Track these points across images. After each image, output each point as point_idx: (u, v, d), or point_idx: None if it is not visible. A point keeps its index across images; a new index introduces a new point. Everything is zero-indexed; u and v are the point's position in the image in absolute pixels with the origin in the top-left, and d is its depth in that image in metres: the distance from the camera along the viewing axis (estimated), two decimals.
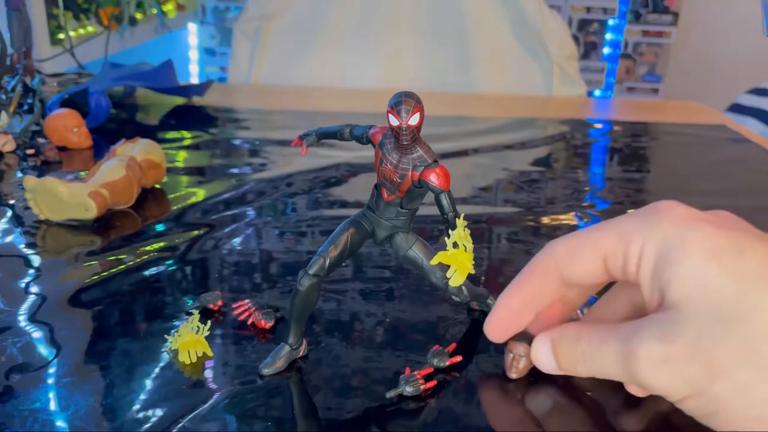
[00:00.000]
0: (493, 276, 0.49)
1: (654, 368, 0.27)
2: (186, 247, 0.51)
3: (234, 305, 0.42)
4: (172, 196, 0.62)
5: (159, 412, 0.33)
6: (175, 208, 0.59)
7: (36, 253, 0.50)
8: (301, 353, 0.37)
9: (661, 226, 0.29)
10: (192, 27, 2.47)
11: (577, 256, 0.31)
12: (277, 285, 0.46)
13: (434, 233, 0.55)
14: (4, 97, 0.78)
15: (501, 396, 0.35)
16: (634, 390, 0.34)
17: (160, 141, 0.71)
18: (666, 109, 1.11)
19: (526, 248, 0.53)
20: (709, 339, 0.26)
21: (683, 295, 0.27)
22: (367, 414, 0.34)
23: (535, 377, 0.36)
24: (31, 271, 0.47)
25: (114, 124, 0.85)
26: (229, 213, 0.58)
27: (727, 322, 0.26)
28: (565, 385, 0.36)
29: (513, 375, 0.36)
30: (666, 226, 0.28)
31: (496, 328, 0.34)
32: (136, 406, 0.33)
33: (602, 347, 0.29)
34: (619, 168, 0.78)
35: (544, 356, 0.32)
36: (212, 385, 0.35)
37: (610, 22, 2.57)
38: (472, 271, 0.32)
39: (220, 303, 0.42)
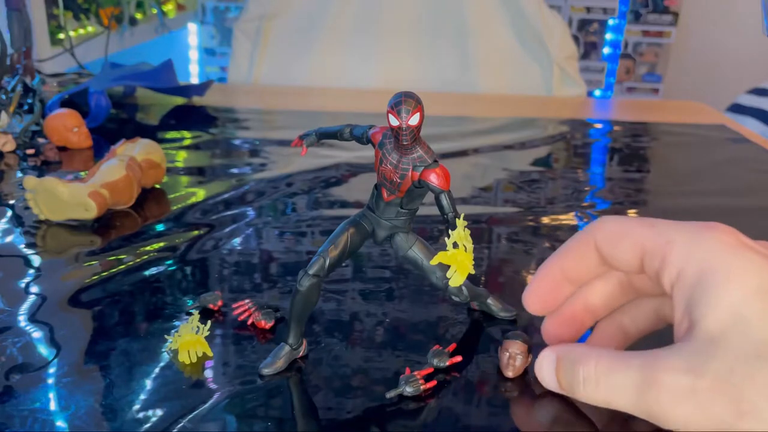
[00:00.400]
0: (493, 276, 0.49)
1: (677, 400, 0.26)
2: (186, 247, 0.51)
3: (234, 305, 0.42)
4: (172, 196, 0.62)
5: (159, 412, 0.33)
6: (175, 208, 0.59)
7: (36, 253, 0.50)
8: (301, 353, 0.37)
9: (708, 245, 0.27)
10: (192, 27, 2.47)
11: (618, 243, 0.31)
12: (277, 285, 0.46)
13: (434, 233, 0.55)
14: (4, 97, 0.78)
15: (500, 396, 0.35)
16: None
17: (160, 141, 0.71)
18: (666, 109, 1.11)
19: (526, 248, 0.53)
20: (742, 375, 0.25)
21: (720, 327, 0.26)
22: (367, 414, 0.34)
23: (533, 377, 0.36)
24: (31, 271, 0.47)
25: (114, 124, 0.85)
26: (229, 213, 0.58)
27: (764, 360, 0.25)
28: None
29: (509, 374, 0.36)
30: (713, 247, 0.27)
31: (534, 297, 0.34)
32: (136, 406, 0.33)
33: (612, 375, 0.28)
34: (619, 168, 0.78)
35: (546, 372, 0.32)
36: (212, 385, 0.35)
37: (610, 22, 2.57)
38: (472, 271, 0.32)
39: (220, 303, 0.42)
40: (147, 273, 0.47)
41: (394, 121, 0.32)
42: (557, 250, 0.33)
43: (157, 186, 0.63)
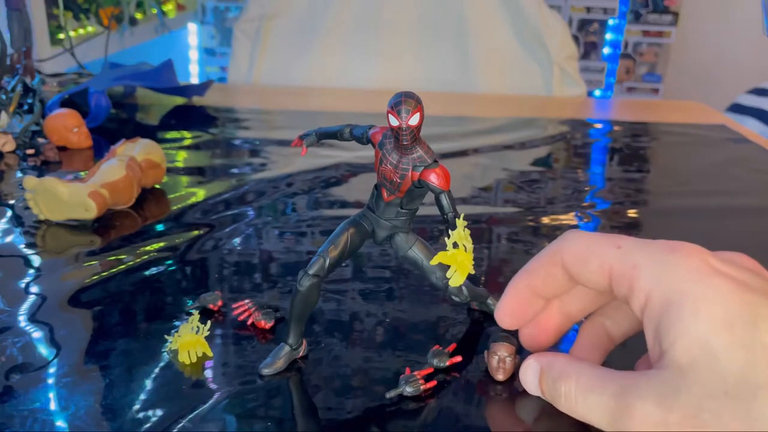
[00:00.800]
0: (493, 276, 0.49)
1: (648, 430, 0.26)
2: (186, 247, 0.51)
3: (234, 305, 0.42)
4: (172, 196, 0.62)
5: (159, 412, 0.33)
6: (175, 208, 0.59)
7: (36, 253, 0.50)
8: (301, 353, 0.37)
9: (674, 271, 0.27)
10: (192, 27, 2.47)
11: (585, 264, 0.30)
12: (277, 285, 0.46)
13: (434, 233, 0.55)
14: (4, 97, 0.78)
15: (499, 396, 0.35)
16: None
17: (160, 141, 0.71)
18: (666, 109, 1.11)
19: (526, 248, 0.53)
20: (710, 412, 0.25)
21: (688, 359, 0.26)
22: (367, 414, 0.34)
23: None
24: (31, 271, 0.47)
25: (114, 124, 0.85)
26: (229, 213, 0.58)
27: (731, 397, 0.25)
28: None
29: (500, 377, 0.36)
30: (680, 273, 0.27)
31: (506, 314, 0.34)
32: (136, 406, 0.33)
33: (590, 396, 0.28)
34: (619, 168, 0.78)
35: (530, 380, 0.32)
36: (212, 385, 0.35)
37: (610, 22, 2.57)
38: (472, 271, 0.32)
39: (220, 303, 0.42)
40: (147, 273, 0.47)
41: (394, 121, 0.32)
42: (525, 267, 0.33)
43: (157, 186, 0.63)
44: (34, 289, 0.44)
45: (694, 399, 0.25)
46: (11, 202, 0.59)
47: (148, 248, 0.51)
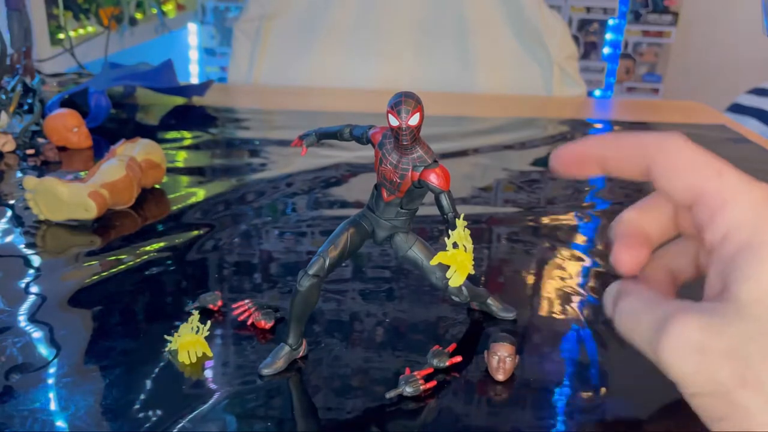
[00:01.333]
0: (493, 276, 0.49)
1: (684, 354, 0.25)
2: (186, 247, 0.51)
3: (234, 305, 0.42)
4: (172, 196, 0.62)
5: (159, 412, 0.33)
6: (175, 208, 0.59)
7: (36, 253, 0.50)
8: (301, 353, 0.37)
9: (766, 221, 0.27)
10: (192, 27, 2.47)
11: (677, 174, 0.29)
12: (277, 285, 0.46)
13: (434, 233, 0.55)
14: (4, 97, 0.78)
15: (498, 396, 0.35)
16: None
17: (160, 141, 0.71)
18: (666, 109, 1.11)
19: (526, 248, 0.53)
20: (757, 349, 0.24)
21: (752, 298, 0.25)
22: (367, 414, 0.34)
23: (527, 376, 0.36)
24: (31, 271, 0.47)
25: (114, 124, 0.85)
26: (229, 213, 0.58)
27: None
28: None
29: (500, 377, 0.36)
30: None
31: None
32: (136, 406, 0.33)
33: (641, 314, 0.28)
34: None
35: (607, 300, 0.31)
36: (212, 385, 0.35)
37: (610, 22, 2.57)
38: (472, 271, 0.32)
39: (220, 303, 0.42)
40: (147, 273, 0.47)
41: (393, 121, 0.32)
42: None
43: (157, 186, 0.63)
44: (34, 289, 0.44)
45: (743, 333, 0.25)
46: (11, 202, 0.59)
47: (148, 248, 0.51)
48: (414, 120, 0.32)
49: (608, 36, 2.59)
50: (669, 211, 0.32)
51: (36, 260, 0.49)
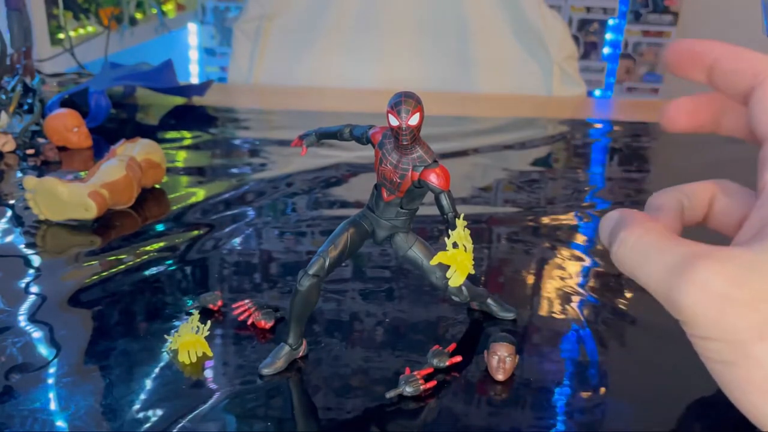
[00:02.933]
0: (493, 276, 0.49)
1: (703, 299, 0.24)
2: (186, 247, 0.51)
3: (234, 305, 0.42)
4: (172, 196, 0.62)
5: (159, 412, 0.33)
6: (175, 208, 0.59)
7: (36, 253, 0.50)
8: (301, 353, 0.37)
9: None
10: (192, 27, 2.47)
11: (737, 58, 0.29)
12: (277, 285, 0.46)
13: (434, 233, 0.55)
14: (4, 97, 0.78)
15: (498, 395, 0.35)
16: None
17: (160, 141, 0.71)
18: None
19: (526, 248, 0.53)
20: None
21: None
22: (367, 414, 0.34)
23: (527, 376, 0.36)
24: (31, 271, 0.47)
25: (114, 124, 0.85)
26: (229, 213, 0.58)
27: None
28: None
29: (500, 377, 0.36)
30: None
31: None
32: (136, 406, 0.33)
33: (652, 251, 0.26)
34: (619, 168, 0.78)
35: (605, 228, 0.29)
36: (212, 385, 0.35)
37: (610, 22, 2.57)
38: (472, 271, 0.32)
39: (220, 303, 0.42)
40: (147, 273, 0.47)
41: (393, 121, 0.32)
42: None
43: (157, 186, 0.63)
44: (34, 289, 0.44)
45: None
46: (11, 202, 0.59)
47: (148, 248, 0.51)
48: (414, 120, 0.32)
49: (608, 36, 2.59)
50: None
51: (36, 260, 0.49)
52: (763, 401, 0.24)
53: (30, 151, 0.71)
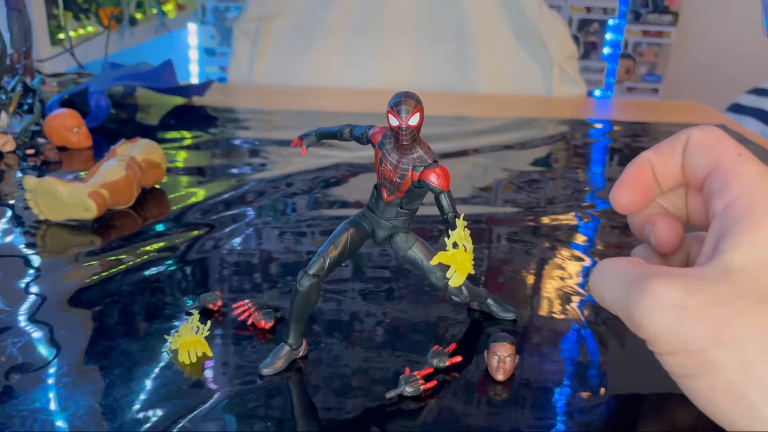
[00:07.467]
0: (493, 276, 0.49)
1: (661, 309, 0.25)
2: (186, 247, 0.51)
3: (234, 305, 0.42)
4: (172, 196, 0.62)
5: (159, 412, 0.33)
6: (175, 208, 0.59)
7: (36, 253, 0.50)
8: (301, 353, 0.37)
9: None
10: (192, 27, 2.47)
11: (702, 151, 0.30)
12: (277, 285, 0.46)
13: (434, 233, 0.55)
14: (4, 97, 0.78)
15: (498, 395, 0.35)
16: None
17: (160, 141, 0.71)
18: (666, 109, 1.11)
19: (526, 248, 0.53)
20: (738, 309, 0.25)
21: (743, 263, 0.25)
22: (367, 414, 0.34)
23: (527, 376, 0.36)
24: (31, 271, 0.47)
25: (114, 124, 0.85)
26: (229, 213, 0.58)
27: (763, 304, 0.25)
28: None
29: (500, 377, 0.36)
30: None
31: (625, 187, 0.33)
32: (136, 406, 0.33)
33: (614, 277, 0.28)
34: (619, 168, 0.78)
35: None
36: (212, 385, 0.35)
37: (610, 22, 2.57)
38: (472, 271, 0.32)
39: (220, 303, 0.42)
40: (147, 273, 0.47)
41: (393, 121, 0.32)
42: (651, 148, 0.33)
43: (157, 186, 0.63)
44: (34, 289, 0.44)
45: (728, 294, 0.25)
46: (11, 202, 0.59)
47: (148, 248, 0.51)
48: (414, 120, 0.32)
49: (608, 36, 2.59)
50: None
51: (36, 260, 0.49)
52: (729, 404, 0.25)
53: (30, 151, 0.71)
